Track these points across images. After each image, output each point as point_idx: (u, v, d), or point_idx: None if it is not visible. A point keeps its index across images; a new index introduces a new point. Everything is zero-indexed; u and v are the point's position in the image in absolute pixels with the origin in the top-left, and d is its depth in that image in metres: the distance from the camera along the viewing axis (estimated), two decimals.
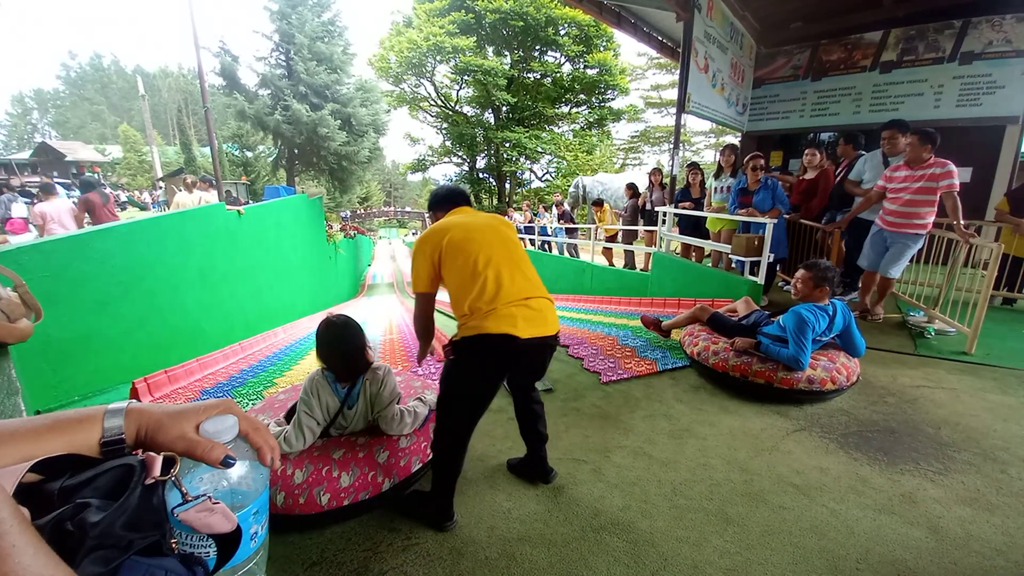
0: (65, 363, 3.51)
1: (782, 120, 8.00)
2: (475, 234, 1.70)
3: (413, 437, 1.95)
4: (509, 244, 1.75)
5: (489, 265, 1.65)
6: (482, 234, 1.71)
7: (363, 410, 1.87)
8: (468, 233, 1.70)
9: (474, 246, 1.67)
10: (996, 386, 2.80)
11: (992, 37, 6.17)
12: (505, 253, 1.70)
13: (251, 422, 0.54)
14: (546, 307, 1.71)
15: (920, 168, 3.42)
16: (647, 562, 1.53)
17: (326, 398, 1.82)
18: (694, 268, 5.38)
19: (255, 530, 0.53)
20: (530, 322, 1.62)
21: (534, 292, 1.70)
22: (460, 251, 1.67)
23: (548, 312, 1.71)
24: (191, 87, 40.34)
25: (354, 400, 1.85)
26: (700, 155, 28.89)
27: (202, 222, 5.20)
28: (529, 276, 1.73)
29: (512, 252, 1.73)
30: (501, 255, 1.69)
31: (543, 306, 1.70)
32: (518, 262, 1.72)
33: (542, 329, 1.66)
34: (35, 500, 0.38)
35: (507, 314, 1.60)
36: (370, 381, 1.84)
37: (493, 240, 1.71)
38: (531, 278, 1.73)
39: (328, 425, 1.86)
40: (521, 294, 1.65)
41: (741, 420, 2.48)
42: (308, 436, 1.76)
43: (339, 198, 20.01)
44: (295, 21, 14.63)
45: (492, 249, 1.68)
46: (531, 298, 1.67)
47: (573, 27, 21.86)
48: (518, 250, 1.76)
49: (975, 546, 1.56)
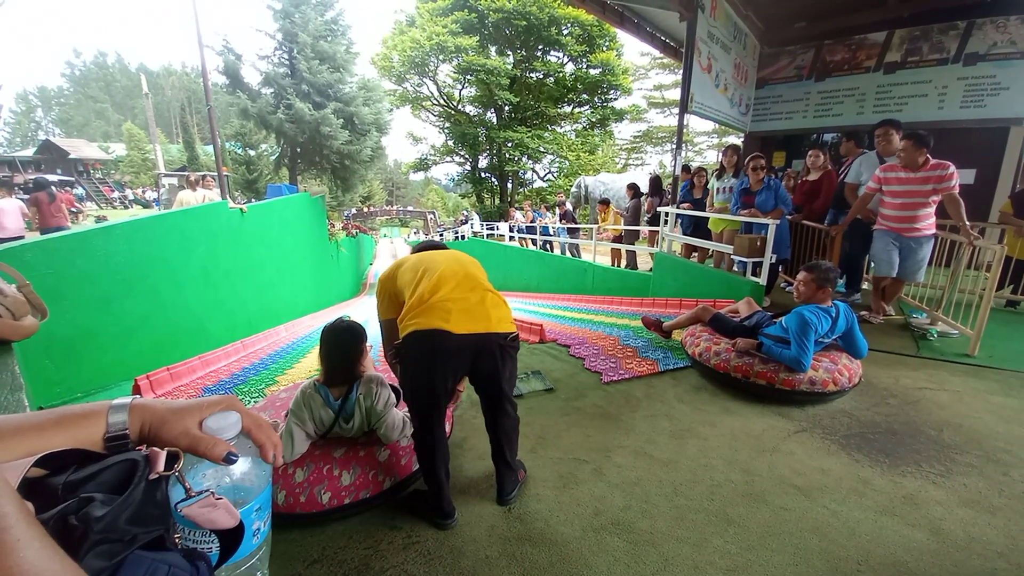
0: (68, 360, 3.53)
1: (785, 120, 7.97)
2: (429, 256, 1.81)
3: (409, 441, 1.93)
4: (462, 265, 1.78)
5: (433, 274, 1.69)
6: (437, 257, 1.80)
7: (360, 422, 1.84)
8: (423, 256, 1.83)
9: (423, 263, 1.77)
10: (999, 388, 2.79)
11: (997, 38, 6.14)
12: (456, 268, 1.74)
13: (254, 419, 0.55)
14: (492, 306, 1.68)
15: (921, 171, 3.39)
16: (648, 562, 1.53)
17: (318, 411, 1.80)
18: (696, 268, 5.37)
19: (258, 526, 0.53)
20: (467, 316, 1.60)
21: (474, 288, 1.70)
22: (411, 268, 1.77)
23: (494, 310, 1.68)
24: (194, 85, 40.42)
25: (349, 412, 1.82)
26: (703, 155, 28.85)
27: (205, 220, 5.21)
28: (474, 278, 1.74)
29: (463, 270, 1.75)
30: (449, 268, 1.73)
31: (487, 303, 1.68)
32: (466, 276, 1.73)
33: (482, 325, 1.62)
34: (39, 494, 0.39)
35: (441, 309, 1.59)
36: (363, 395, 1.81)
37: (446, 261, 1.77)
38: (476, 279, 1.74)
39: (323, 435, 1.86)
40: (461, 290, 1.66)
41: (742, 421, 2.47)
42: (299, 447, 1.75)
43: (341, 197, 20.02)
44: (298, 20, 14.64)
45: (441, 265, 1.73)
46: (471, 291, 1.68)
47: (576, 27, 21.82)
48: (472, 270, 1.79)
49: (977, 548, 1.55)
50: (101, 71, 56.41)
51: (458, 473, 2.07)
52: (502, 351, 1.67)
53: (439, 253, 1.87)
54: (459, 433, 2.44)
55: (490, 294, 1.72)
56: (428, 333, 1.57)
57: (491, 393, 1.78)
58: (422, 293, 1.63)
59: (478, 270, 1.82)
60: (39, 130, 51.71)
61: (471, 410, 2.71)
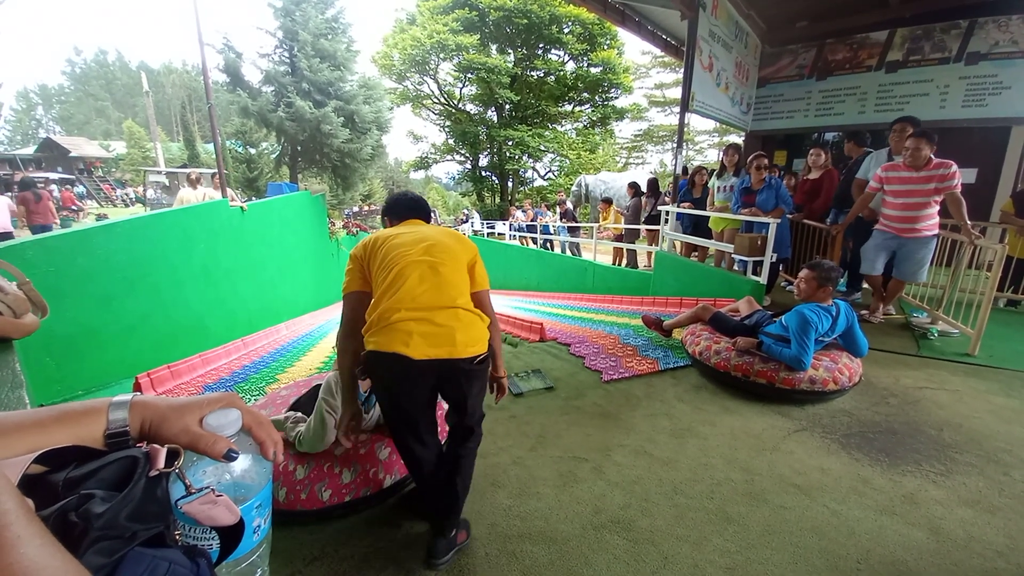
0: (69, 358, 3.53)
1: (786, 120, 7.96)
2: (407, 245, 1.57)
3: None
4: (440, 252, 1.57)
5: (401, 280, 1.49)
6: (414, 242, 1.58)
7: (377, 417, 1.92)
8: (400, 239, 1.60)
9: (397, 249, 1.56)
10: (999, 388, 2.78)
11: (998, 37, 6.12)
12: (428, 273, 1.51)
13: (254, 416, 0.54)
14: (458, 324, 1.48)
15: (923, 170, 3.38)
16: (647, 560, 1.53)
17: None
18: (696, 267, 5.37)
19: (258, 523, 0.53)
20: (429, 340, 1.43)
21: (444, 303, 1.48)
22: (382, 249, 1.58)
23: (460, 331, 1.47)
24: (195, 83, 40.37)
25: (372, 404, 1.89)
26: (704, 154, 28.79)
27: (205, 218, 5.21)
28: (446, 286, 1.51)
29: (437, 276, 1.52)
30: (421, 273, 1.51)
31: (455, 325, 1.47)
32: (438, 285, 1.51)
33: (445, 350, 1.44)
34: (40, 491, 0.38)
35: (402, 331, 1.43)
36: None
37: (420, 259, 1.53)
38: (447, 288, 1.51)
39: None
40: (426, 303, 1.47)
41: (742, 420, 2.48)
42: (330, 435, 1.76)
43: (342, 195, 20.00)
44: (299, 18, 14.62)
45: (415, 268, 1.51)
46: (438, 310, 1.47)
47: (577, 25, 21.77)
48: (449, 272, 1.55)
49: (976, 548, 1.55)
50: (102, 69, 56.34)
51: None
52: (468, 375, 1.51)
53: (418, 241, 1.59)
54: None
55: (461, 311, 1.51)
56: (387, 357, 1.43)
57: (457, 416, 1.61)
58: (384, 310, 1.46)
59: (456, 270, 1.58)
60: (40, 128, 51.69)
61: None
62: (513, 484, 1.97)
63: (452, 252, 1.59)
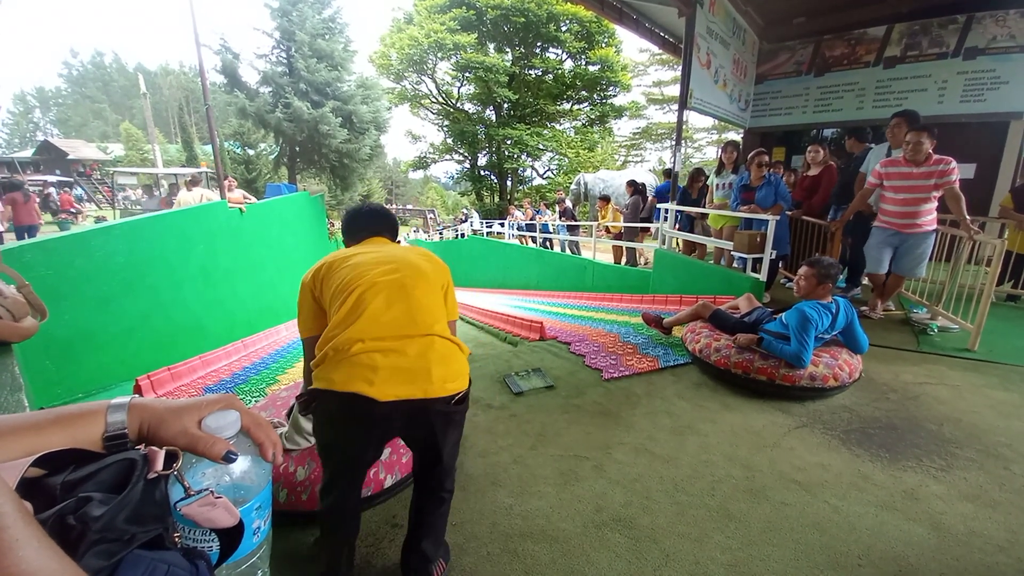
0: (68, 360, 3.53)
1: (785, 116, 7.96)
2: (366, 259, 1.33)
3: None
4: (410, 271, 1.31)
5: (363, 304, 1.22)
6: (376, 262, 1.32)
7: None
8: (358, 258, 1.34)
9: (356, 270, 1.29)
10: (999, 383, 2.79)
11: (996, 32, 6.12)
12: (397, 293, 1.26)
13: (253, 418, 0.54)
14: (437, 359, 1.21)
15: (923, 165, 3.38)
16: (649, 558, 1.53)
17: None
18: (696, 265, 5.37)
19: (258, 525, 0.53)
20: (399, 376, 1.16)
21: (416, 330, 1.22)
22: (337, 273, 1.30)
23: (438, 366, 1.20)
24: (192, 85, 40.32)
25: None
26: (702, 152, 28.77)
27: (203, 220, 5.20)
28: (419, 310, 1.25)
29: (408, 297, 1.26)
30: (388, 292, 1.25)
31: (431, 356, 1.21)
32: (409, 309, 1.24)
33: (419, 388, 1.17)
34: (38, 494, 0.38)
35: (365, 365, 1.15)
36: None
37: (387, 276, 1.28)
38: (420, 313, 1.25)
39: None
40: (396, 331, 1.20)
41: (743, 417, 2.48)
42: (310, 439, 1.77)
43: (340, 196, 20.01)
44: (295, 18, 14.61)
45: (378, 274, 1.27)
46: (409, 338, 1.21)
47: (575, 23, 21.76)
48: (421, 295, 1.29)
49: (977, 543, 1.56)
50: (99, 71, 56.24)
51: (458, 470, 2.06)
52: (444, 419, 1.26)
53: (382, 260, 1.33)
54: None
55: (438, 340, 1.24)
56: (343, 399, 1.15)
57: (425, 463, 1.35)
58: (342, 340, 1.17)
59: (429, 292, 1.32)
60: (37, 131, 51.60)
61: (471, 408, 2.69)
62: (514, 483, 1.97)
63: (424, 272, 1.34)
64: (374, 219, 1.56)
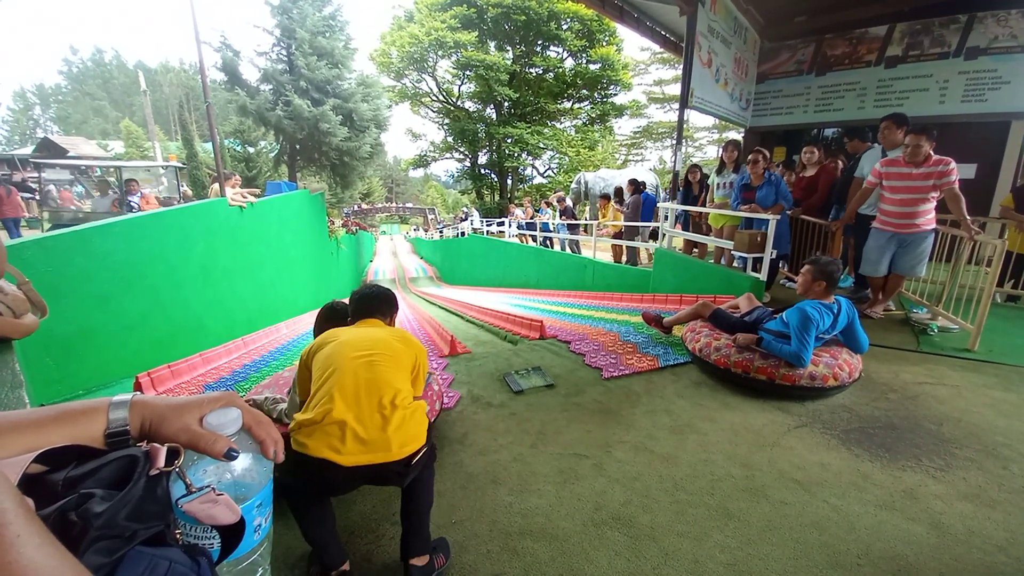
0: (68, 358, 3.53)
1: (785, 115, 7.95)
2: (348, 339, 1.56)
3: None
4: (381, 349, 1.53)
5: (337, 367, 1.45)
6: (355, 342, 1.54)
7: None
8: (342, 339, 1.57)
9: (337, 350, 1.51)
10: (999, 383, 2.79)
11: (998, 32, 6.11)
12: (366, 356, 1.48)
13: (254, 415, 0.54)
14: (396, 427, 1.39)
15: (922, 166, 3.38)
16: (648, 556, 1.53)
17: None
18: (696, 264, 5.37)
19: (259, 522, 0.53)
20: (362, 445, 1.35)
21: (378, 406, 1.41)
22: (323, 351, 1.53)
23: (397, 433, 1.39)
24: (192, 82, 40.27)
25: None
26: (703, 151, 28.77)
27: (203, 217, 5.20)
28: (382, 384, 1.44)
29: (376, 357, 1.49)
30: (359, 358, 1.48)
31: (391, 426, 1.39)
32: (375, 365, 1.47)
33: (380, 455, 1.36)
34: (39, 490, 0.38)
35: (333, 435, 1.35)
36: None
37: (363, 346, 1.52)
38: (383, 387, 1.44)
39: None
40: (360, 406, 1.40)
41: (742, 416, 2.48)
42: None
43: (341, 194, 20.01)
44: (296, 16, 14.58)
45: (353, 354, 1.49)
46: (373, 412, 1.40)
47: (575, 22, 21.75)
48: (389, 358, 1.52)
49: (976, 542, 1.56)
50: (99, 68, 56.14)
51: (458, 469, 2.08)
52: (402, 475, 1.43)
53: (360, 340, 1.56)
54: (459, 429, 2.45)
55: (398, 411, 1.42)
56: (314, 463, 1.34)
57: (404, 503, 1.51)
58: (317, 410, 1.38)
59: (396, 369, 1.52)
60: (37, 128, 51.54)
61: (472, 406, 2.72)
62: (514, 481, 1.97)
63: (395, 353, 1.55)
64: (372, 303, 1.79)
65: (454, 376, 3.20)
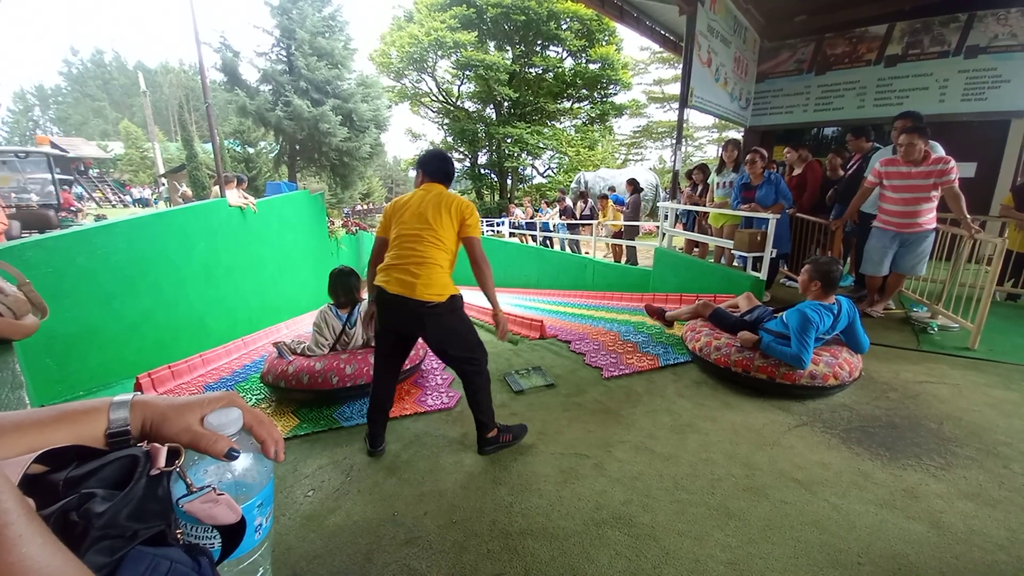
0: (69, 358, 3.53)
1: (786, 115, 7.95)
2: (407, 209, 2.09)
3: None
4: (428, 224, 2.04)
5: (399, 233, 2.06)
6: (412, 211, 2.07)
7: (361, 330, 2.93)
8: (407, 211, 2.08)
9: (401, 220, 2.09)
10: (999, 381, 2.79)
11: (998, 31, 6.11)
12: (415, 227, 2.04)
13: (255, 415, 0.54)
14: (423, 275, 1.98)
15: (922, 165, 3.38)
16: (649, 556, 1.53)
17: (332, 322, 2.91)
18: (696, 264, 5.37)
19: (260, 522, 0.54)
20: (399, 281, 1.99)
21: (418, 259, 2.00)
22: (396, 214, 2.12)
23: (421, 278, 1.97)
24: (192, 83, 40.24)
25: (353, 323, 2.91)
26: (703, 150, 28.76)
27: (204, 218, 5.20)
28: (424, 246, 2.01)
29: (419, 231, 2.03)
30: (410, 227, 2.05)
31: (421, 271, 1.99)
32: (417, 239, 2.03)
33: (407, 290, 1.97)
34: (40, 490, 0.38)
35: (388, 269, 2.03)
36: (363, 311, 2.84)
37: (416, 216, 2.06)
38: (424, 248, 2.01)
39: (336, 340, 2.90)
40: (408, 257, 2.00)
41: (743, 415, 2.48)
42: (322, 348, 2.87)
43: (340, 194, 19.97)
44: (296, 16, 14.57)
45: (409, 224, 2.05)
46: (412, 265, 1.99)
47: (575, 21, 21.70)
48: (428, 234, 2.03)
49: (977, 541, 1.56)
50: (99, 69, 56.10)
51: (459, 468, 2.08)
52: (420, 314, 1.98)
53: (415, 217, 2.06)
54: (459, 428, 2.45)
55: (427, 265, 1.99)
56: (377, 289, 2.04)
57: (442, 356, 2.17)
58: (386, 262, 2.06)
59: (439, 230, 2.02)
60: (37, 128, 51.54)
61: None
62: (514, 480, 1.97)
63: (440, 220, 2.04)
64: (435, 171, 2.18)
65: (454, 376, 3.20)
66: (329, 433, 2.50)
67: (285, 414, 2.72)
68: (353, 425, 2.55)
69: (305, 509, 1.86)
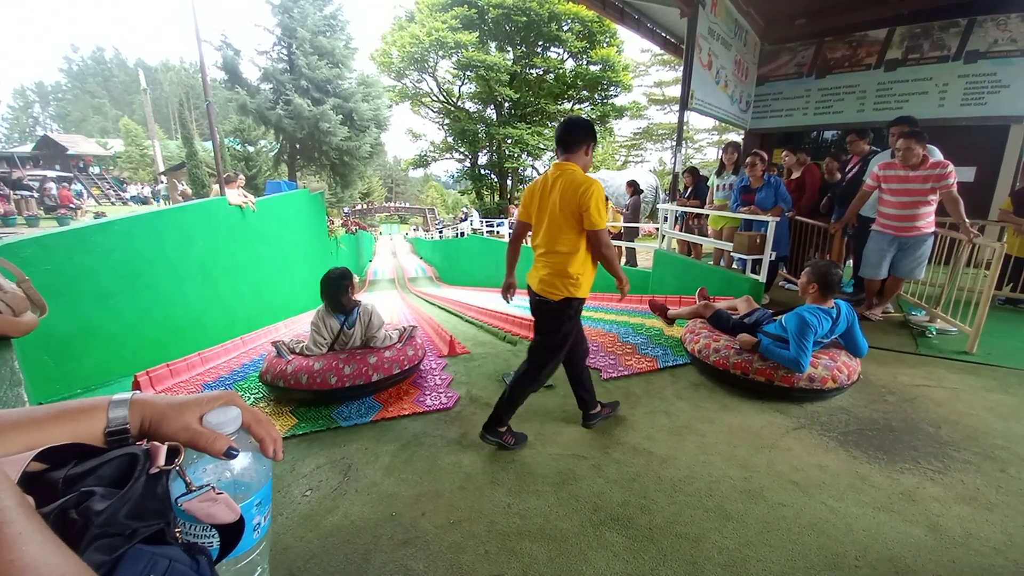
0: (67, 356, 3.52)
1: (785, 118, 7.96)
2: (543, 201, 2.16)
3: (394, 351, 2.90)
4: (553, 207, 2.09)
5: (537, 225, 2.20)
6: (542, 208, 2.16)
7: (360, 331, 2.93)
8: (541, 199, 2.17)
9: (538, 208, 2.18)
10: (997, 385, 2.79)
11: (997, 36, 6.13)
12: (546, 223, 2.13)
13: (254, 414, 0.55)
14: (544, 270, 2.11)
15: (920, 169, 3.38)
16: (646, 557, 1.53)
17: (330, 322, 2.90)
18: (695, 266, 5.37)
19: (258, 521, 0.54)
20: (533, 274, 2.17)
21: (545, 251, 2.13)
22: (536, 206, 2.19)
23: (544, 276, 2.11)
24: (193, 81, 40.25)
25: (352, 323, 2.90)
26: (703, 152, 28.80)
27: (203, 216, 5.20)
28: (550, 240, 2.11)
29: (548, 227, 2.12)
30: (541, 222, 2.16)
31: (546, 267, 2.11)
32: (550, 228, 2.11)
33: (535, 284, 2.15)
34: (40, 489, 0.38)
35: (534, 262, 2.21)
36: (362, 313, 2.95)
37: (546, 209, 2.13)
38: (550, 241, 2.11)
39: (334, 340, 2.90)
40: (538, 251, 2.16)
41: (741, 417, 2.48)
42: (320, 347, 2.87)
43: (340, 193, 19.98)
44: (297, 15, 14.58)
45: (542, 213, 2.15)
46: (541, 256, 2.14)
47: (576, 23, 21.76)
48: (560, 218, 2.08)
49: (974, 544, 1.56)
50: (99, 66, 56.09)
51: (457, 469, 2.08)
52: (537, 307, 2.17)
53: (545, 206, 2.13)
54: (457, 428, 2.45)
55: (550, 257, 2.10)
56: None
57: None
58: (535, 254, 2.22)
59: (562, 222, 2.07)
60: (37, 126, 51.52)
61: (471, 406, 2.72)
62: (512, 481, 1.97)
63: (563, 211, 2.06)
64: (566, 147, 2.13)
65: (453, 376, 3.20)
66: (327, 433, 2.49)
67: (283, 413, 2.71)
68: (351, 425, 2.54)
69: (303, 509, 1.86)
